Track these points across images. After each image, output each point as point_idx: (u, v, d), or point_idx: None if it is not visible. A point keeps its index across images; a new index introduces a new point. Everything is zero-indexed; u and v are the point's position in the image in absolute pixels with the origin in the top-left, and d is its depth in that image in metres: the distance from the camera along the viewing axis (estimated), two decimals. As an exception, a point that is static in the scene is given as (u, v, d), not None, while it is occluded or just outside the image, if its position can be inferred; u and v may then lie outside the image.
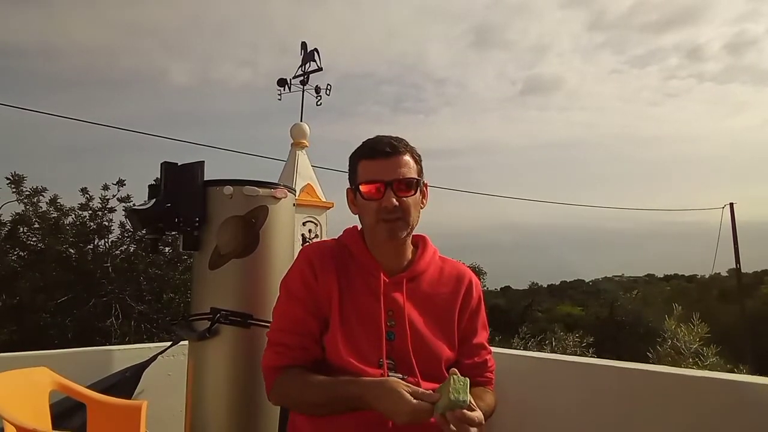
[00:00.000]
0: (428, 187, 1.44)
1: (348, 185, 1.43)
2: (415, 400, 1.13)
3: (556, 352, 8.97)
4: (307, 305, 1.34)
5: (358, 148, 1.39)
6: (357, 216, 1.42)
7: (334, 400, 1.24)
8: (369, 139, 1.39)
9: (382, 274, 1.36)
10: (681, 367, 5.96)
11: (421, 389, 1.17)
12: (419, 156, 1.40)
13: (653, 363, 6.58)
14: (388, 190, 1.31)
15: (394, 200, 1.30)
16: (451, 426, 1.11)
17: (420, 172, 1.38)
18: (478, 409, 1.15)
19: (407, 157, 1.35)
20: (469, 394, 1.12)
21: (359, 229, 1.45)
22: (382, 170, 1.32)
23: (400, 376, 1.30)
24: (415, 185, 1.35)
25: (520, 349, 9.15)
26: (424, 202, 1.42)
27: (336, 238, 1.49)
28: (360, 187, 1.34)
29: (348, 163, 1.41)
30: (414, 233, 1.43)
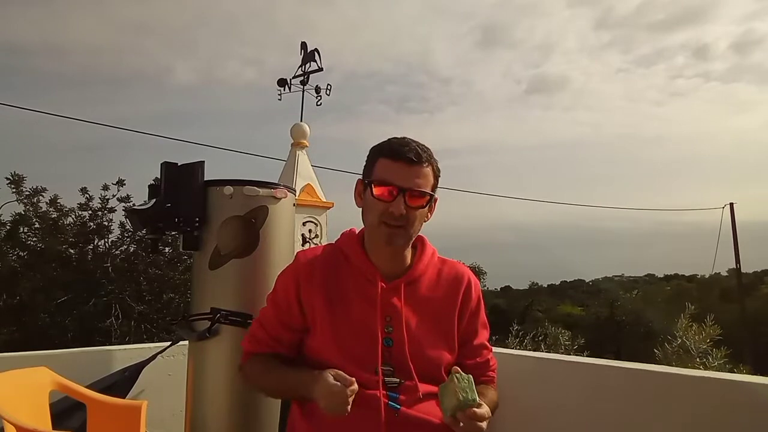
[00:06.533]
0: (437, 202, 1.42)
1: (360, 177, 1.41)
2: (333, 381, 1.17)
3: (551, 351, 8.97)
4: (281, 315, 1.40)
5: (383, 143, 1.36)
6: (360, 210, 1.40)
7: (287, 389, 1.36)
8: (397, 138, 1.36)
9: (380, 280, 1.36)
10: (688, 367, 5.95)
11: (342, 373, 1.20)
12: (439, 170, 1.38)
13: (661, 362, 6.58)
14: (400, 196, 1.29)
15: (403, 208, 1.29)
16: (462, 424, 1.12)
17: (435, 187, 1.37)
18: (485, 404, 1.16)
19: (428, 170, 1.34)
20: (475, 391, 1.13)
21: (357, 232, 1.45)
22: (400, 175, 1.30)
23: (397, 381, 1.30)
24: (427, 199, 1.34)
25: (516, 347, 9.13)
26: (430, 216, 1.41)
27: (333, 243, 1.49)
28: (373, 184, 1.32)
29: (367, 155, 1.38)
30: None
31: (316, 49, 5.43)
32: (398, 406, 1.25)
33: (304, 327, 1.38)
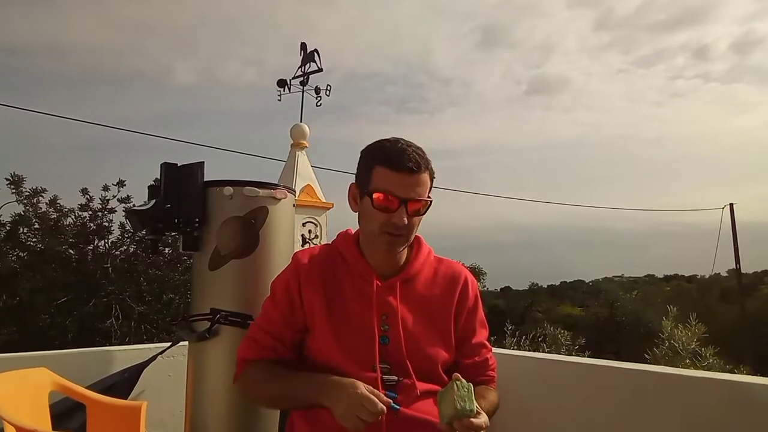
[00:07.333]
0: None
1: (353, 180, 1.39)
2: (366, 392, 1.15)
3: (551, 351, 8.98)
4: (285, 314, 1.38)
5: (378, 149, 1.33)
6: (356, 213, 1.40)
7: (295, 395, 1.29)
8: (392, 144, 1.32)
9: (375, 279, 1.36)
10: (678, 367, 5.98)
11: (378, 392, 1.17)
12: (434, 172, 1.37)
13: (651, 364, 6.60)
14: (401, 207, 1.28)
15: (405, 219, 1.28)
16: None
17: (431, 188, 1.37)
18: (483, 413, 1.15)
19: (426, 176, 1.32)
20: (474, 400, 1.11)
21: (353, 233, 1.45)
22: (401, 185, 1.28)
23: (395, 378, 1.30)
24: (427, 207, 1.33)
25: (513, 347, 9.14)
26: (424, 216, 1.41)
27: (330, 243, 1.49)
28: (374, 195, 1.30)
29: (360, 158, 1.37)
30: None
31: (315, 50, 5.44)
32: (398, 407, 1.25)
33: (306, 326, 1.38)
